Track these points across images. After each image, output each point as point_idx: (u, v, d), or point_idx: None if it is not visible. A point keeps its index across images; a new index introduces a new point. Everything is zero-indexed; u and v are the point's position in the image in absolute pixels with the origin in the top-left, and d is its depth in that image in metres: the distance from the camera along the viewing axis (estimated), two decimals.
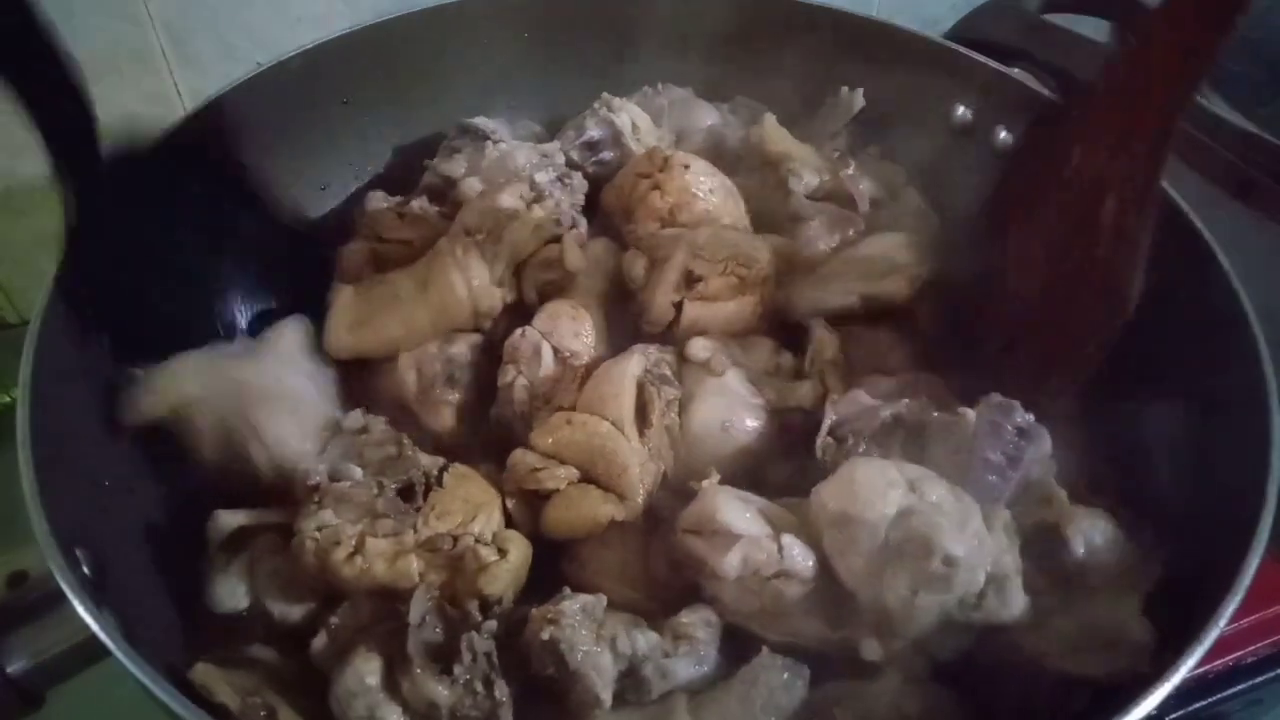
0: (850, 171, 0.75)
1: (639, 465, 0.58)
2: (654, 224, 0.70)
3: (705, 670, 0.53)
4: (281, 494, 0.59)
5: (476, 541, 0.55)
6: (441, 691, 0.49)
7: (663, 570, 0.57)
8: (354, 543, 0.54)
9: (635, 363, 0.61)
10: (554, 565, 0.59)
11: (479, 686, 0.49)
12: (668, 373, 0.63)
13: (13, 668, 0.50)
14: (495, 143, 0.75)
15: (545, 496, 0.58)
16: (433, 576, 0.54)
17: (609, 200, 0.74)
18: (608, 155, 0.78)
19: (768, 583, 0.52)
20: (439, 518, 0.55)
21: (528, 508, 0.59)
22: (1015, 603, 0.52)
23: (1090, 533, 0.55)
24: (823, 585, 0.52)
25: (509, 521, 0.59)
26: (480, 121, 0.77)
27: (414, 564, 0.54)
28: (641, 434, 0.59)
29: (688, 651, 0.52)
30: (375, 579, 0.54)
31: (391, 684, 0.50)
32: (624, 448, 0.58)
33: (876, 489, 0.51)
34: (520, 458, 0.59)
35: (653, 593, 0.57)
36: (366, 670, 0.50)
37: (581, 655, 0.50)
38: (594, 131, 0.78)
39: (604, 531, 0.58)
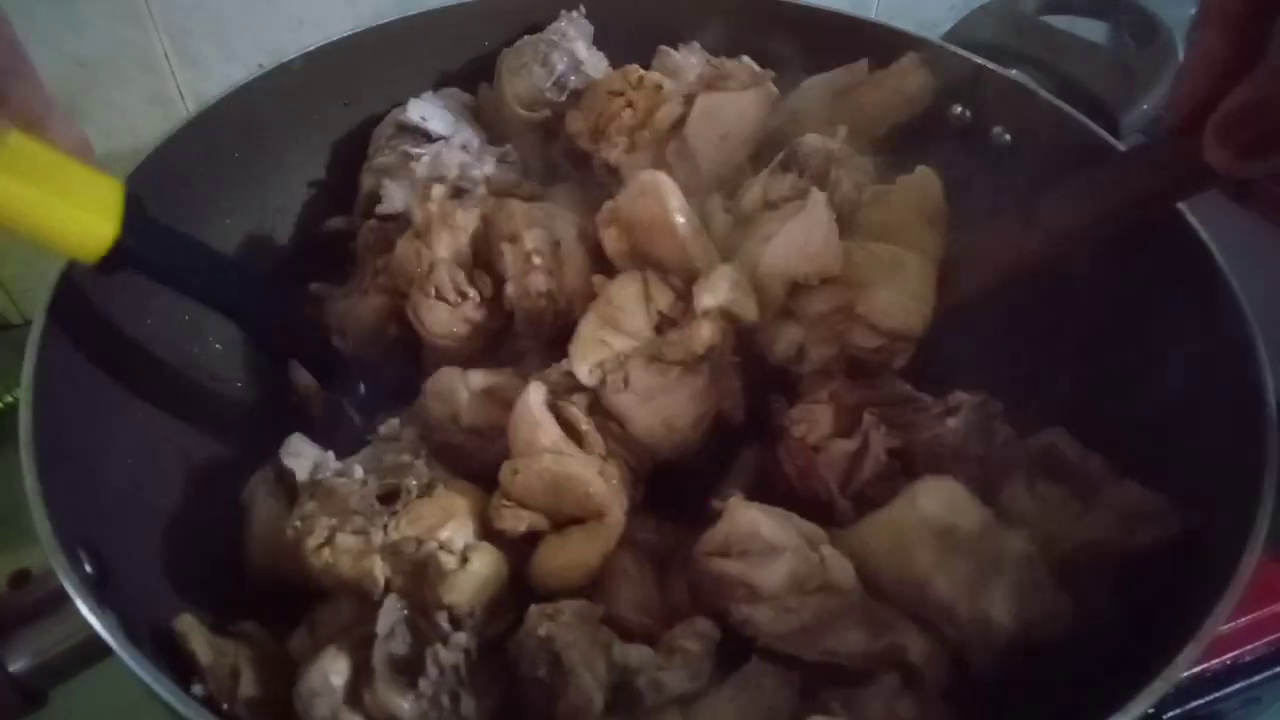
0: None
1: (597, 472, 0.56)
2: (624, 139, 0.69)
3: (699, 684, 0.52)
4: None
5: (440, 548, 0.54)
6: (404, 705, 0.48)
7: (683, 599, 0.56)
8: (325, 536, 0.54)
9: (535, 391, 0.58)
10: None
11: (445, 701, 0.48)
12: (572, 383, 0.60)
13: (15, 667, 0.50)
14: (432, 139, 0.74)
15: (533, 543, 0.57)
16: (399, 581, 0.54)
17: (574, 126, 0.73)
18: (571, 81, 0.77)
19: (808, 598, 0.52)
20: (410, 522, 0.55)
21: (517, 556, 0.57)
22: None
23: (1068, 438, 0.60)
24: (859, 596, 0.52)
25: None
26: (413, 116, 0.75)
27: (377, 565, 0.53)
28: (582, 446, 0.57)
29: (682, 664, 0.52)
30: (341, 575, 0.53)
31: (356, 691, 0.49)
32: (573, 465, 0.56)
33: (968, 500, 0.53)
34: (494, 501, 0.57)
35: (665, 621, 0.55)
36: (332, 670, 0.49)
37: (576, 655, 0.49)
38: (560, 66, 0.76)
39: (608, 565, 0.57)
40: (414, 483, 0.57)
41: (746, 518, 0.53)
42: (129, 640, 0.45)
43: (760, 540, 0.53)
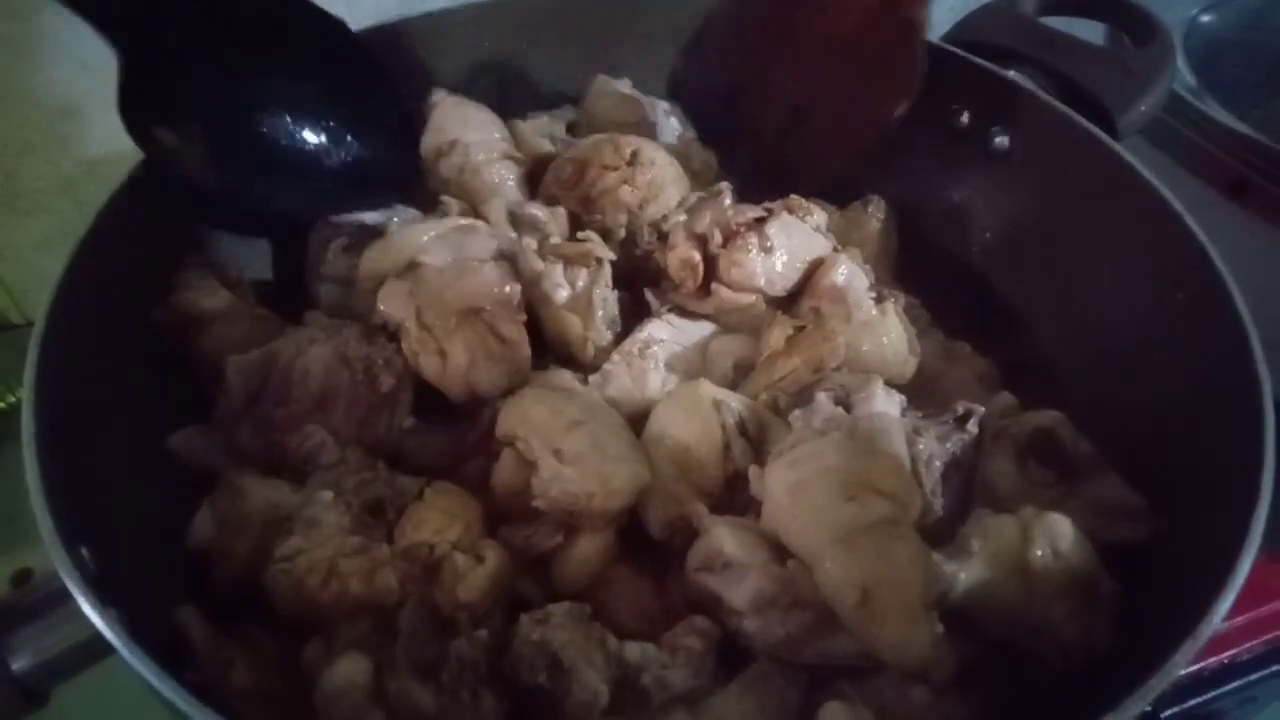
0: None
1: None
2: (623, 216, 0.71)
3: (703, 680, 0.53)
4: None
5: (454, 549, 0.54)
6: (427, 698, 0.49)
7: (680, 605, 0.57)
8: (326, 566, 0.53)
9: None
10: None
11: (465, 696, 0.49)
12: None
13: (18, 665, 0.50)
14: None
15: (547, 561, 0.58)
16: (410, 588, 0.54)
17: (552, 185, 0.75)
18: None
19: (788, 613, 0.52)
20: (415, 527, 0.55)
21: (535, 579, 0.58)
22: None
23: (1068, 425, 0.60)
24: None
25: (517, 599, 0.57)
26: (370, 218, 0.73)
27: (391, 576, 0.53)
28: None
29: (685, 662, 0.52)
30: (355, 600, 0.53)
31: (378, 689, 0.50)
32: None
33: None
34: (511, 532, 0.58)
35: (664, 625, 0.56)
36: (355, 670, 0.50)
37: (574, 652, 0.50)
38: None
39: (606, 575, 0.58)
40: (394, 492, 0.57)
41: (715, 534, 0.54)
42: (131, 639, 0.45)
43: (724, 556, 0.53)
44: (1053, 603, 0.52)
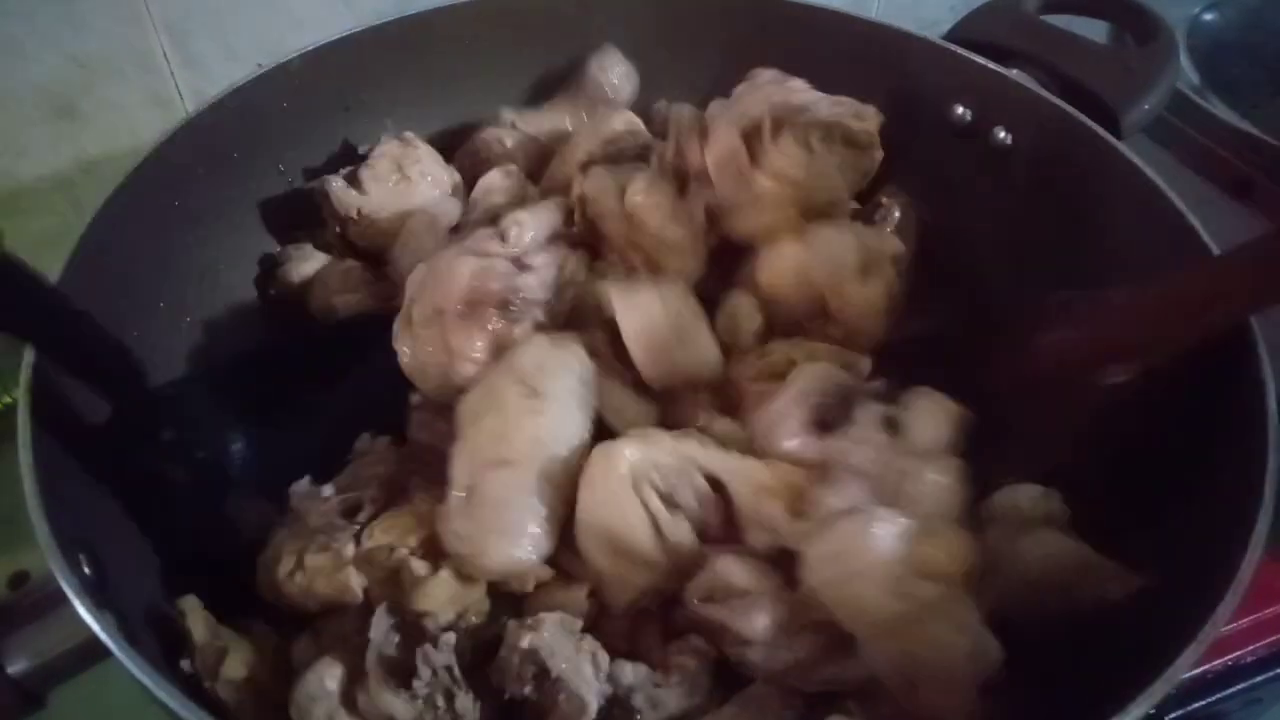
0: None
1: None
2: None
3: (698, 700, 0.52)
4: None
5: (411, 555, 0.53)
6: (399, 705, 0.48)
7: (678, 628, 0.56)
8: (294, 561, 0.54)
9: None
10: None
11: (439, 700, 0.48)
12: None
13: (14, 668, 0.50)
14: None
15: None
16: (377, 591, 0.53)
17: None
18: None
19: (797, 637, 0.51)
20: (384, 531, 0.54)
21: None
22: None
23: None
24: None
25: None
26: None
27: (353, 577, 0.53)
28: None
29: (679, 681, 0.51)
30: (319, 596, 0.53)
31: (352, 695, 0.49)
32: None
33: None
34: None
35: (661, 646, 0.55)
36: (328, 675, 0.49)
37: (564, 662, 0.49)
38: None
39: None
40: (374, 493, 0.57)
41: (722, 566, 0.53)
42: (127, 642, 0.45)
43: (733, 589, 0.52)
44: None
